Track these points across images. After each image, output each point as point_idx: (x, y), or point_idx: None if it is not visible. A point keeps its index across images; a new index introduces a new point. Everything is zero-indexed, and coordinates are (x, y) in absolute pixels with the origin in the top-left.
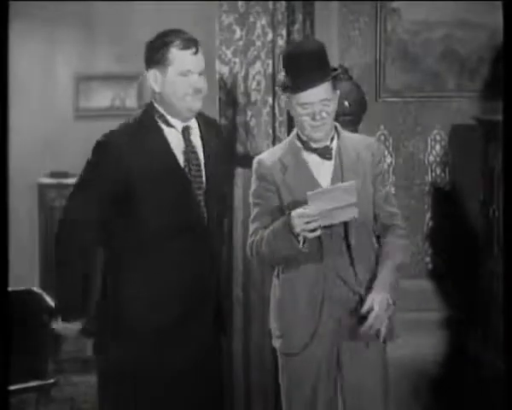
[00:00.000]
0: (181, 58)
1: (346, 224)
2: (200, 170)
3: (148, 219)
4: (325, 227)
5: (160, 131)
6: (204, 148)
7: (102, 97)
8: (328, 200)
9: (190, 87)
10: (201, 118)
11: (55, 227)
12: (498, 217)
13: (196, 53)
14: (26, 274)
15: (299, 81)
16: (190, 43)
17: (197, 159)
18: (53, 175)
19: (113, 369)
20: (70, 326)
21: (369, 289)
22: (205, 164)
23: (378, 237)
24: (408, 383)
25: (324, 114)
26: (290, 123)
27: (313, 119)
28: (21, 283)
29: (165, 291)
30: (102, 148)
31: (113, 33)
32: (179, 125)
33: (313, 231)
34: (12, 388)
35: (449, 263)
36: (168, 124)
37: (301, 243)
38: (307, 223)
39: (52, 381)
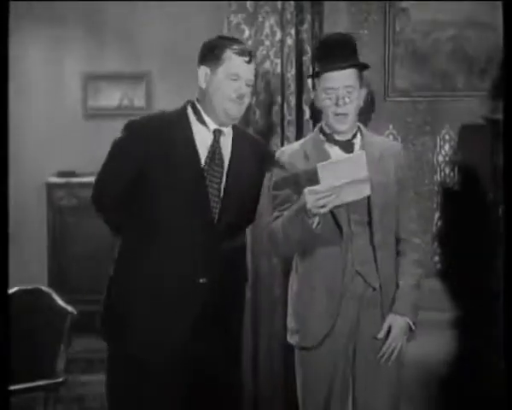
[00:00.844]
0: (233, 61)
1: (370, 219)
2: (221, 173)
3: (158, 208)
4: (347, 212)
5: (189, 125)
6: (232, 155)
7: (111, 97)
8: (339, 173)
9: (234, 92)
10: (244, 133)
11: (64, 226)
12: None
13: (249, 62)
14: (34, 273)
15: (326, 63)
16: (246, 51)
17: (220, 160)
18: (61, 174)
19: (121, 357)
20: None
21: (388, 285)
22: (228, 170)
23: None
24: (417, 382)
25: (347, 100)
26: (299, 122)
27: (336, 104)
28: (30, 281)
29: (161, 285)
30: (129, 127)
31: (122, 33)
32: (212, 125)
33: (325, 206)
34: (20, 387)
35: (458, 263)
36: (202, 121)
37: (315, 224)
38: (319, 199)
39: (61, 380)
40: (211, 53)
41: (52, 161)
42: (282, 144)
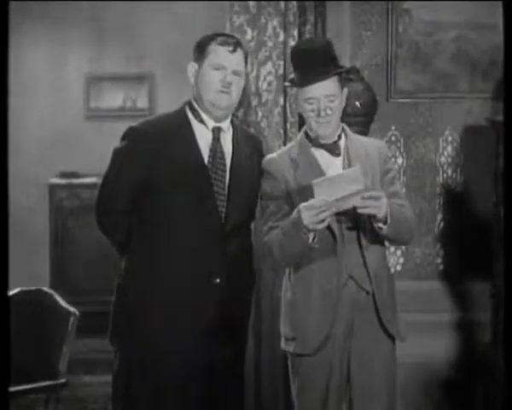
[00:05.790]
0: (217, 52)
1: (357, 224)
2: (224, 171)
3: (167, 211)
4: (338, 218)
5: (190, 126)
6: (233, 153)
7: (113, 98)
8: (335, 188)
9: (219, 81)
10: (241, 130)
11: (66, 227)
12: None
13: (233, 52)
14: (36, 274)
15: (305, 75)
16: (230, 41)
17: (222, 158)
18: (63, 175)
19: (135, 363)
20: None
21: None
22: (231, 168)
23: None
24: (419, 384)
25: (329, 111)
26: (301, 123)
27: (318, 115)
28: (32, 282)
29: (176, 286)
30: (130, 135)
31: (124, 34)
32: (211, 123)
33: (322, 221)
34: (22, 388)
35: (460, 264)
36: (201, 121)
37: (311, 239)
38: (316, 215)
39: (63, 381)
40: (198, 49)
41: (54, 161)
42: (285, 145)
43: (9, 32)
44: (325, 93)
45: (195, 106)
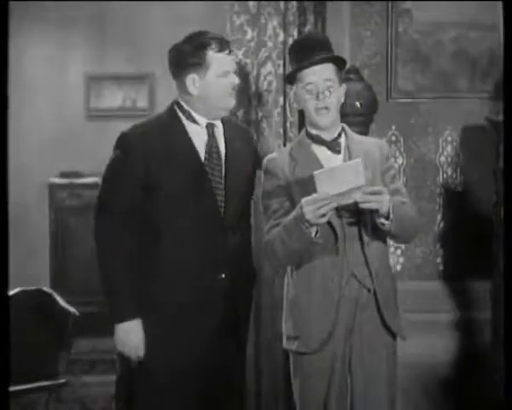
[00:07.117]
0: (219, 60)
1: (359, 222)
2: (220, 166)
3: (167, 212)
4: (339, 213)
5: (183, 126)
6: (226, 147)
7: (113, 98)
8: (336, 181)
9: (229, 86)
10: (230, 123)
11: (66, 227)
12: None
13: (230, 53)
14: (36, 274)
15: (304, 61)
16: (224, 44)
17: (217, 153)
18: (64, 175)
19: (147, 363)
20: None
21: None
22: (225, 162)
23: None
24: (419, 383)
25: (327, 93)
26: (301, 123)
27: (317, 98)
28: (32, 282)
29: (180, 285)
30: (125, 142)
31: (125, 34)
32: (203, 121)
33: (324, 215)
34: (22, 387)
35: (460, 264)
36: (193, 120)
37: (314, 234)
38: (318, 208)
39: (63, 381)
40: (191, 58)
41: (54, 161)
42: (285, 145)
43: (9, 32)
44: (323, 77)
45: (185, 106)
